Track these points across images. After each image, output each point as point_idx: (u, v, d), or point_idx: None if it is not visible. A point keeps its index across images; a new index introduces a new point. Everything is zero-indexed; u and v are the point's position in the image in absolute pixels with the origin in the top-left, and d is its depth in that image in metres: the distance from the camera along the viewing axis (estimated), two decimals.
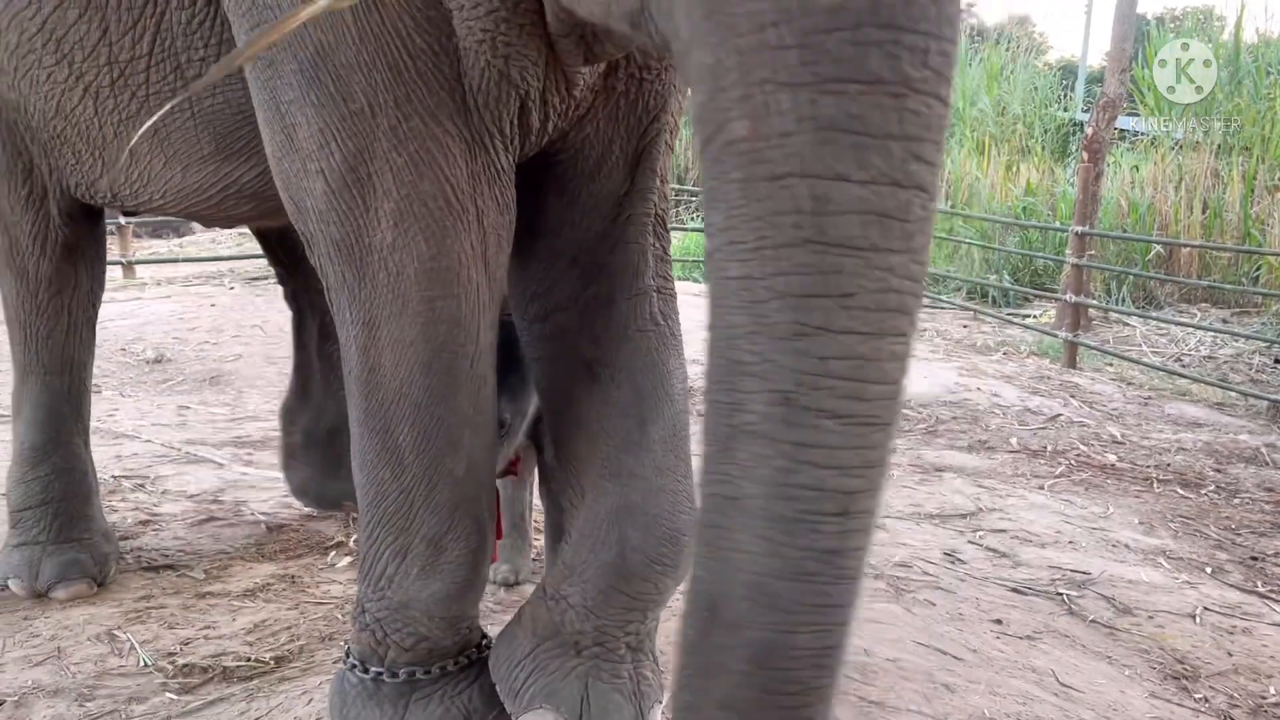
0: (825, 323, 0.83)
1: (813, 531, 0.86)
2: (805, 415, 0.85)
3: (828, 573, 0.87)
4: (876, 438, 0.87)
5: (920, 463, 4.23)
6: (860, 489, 0.87)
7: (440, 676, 1.71)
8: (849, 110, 0.80)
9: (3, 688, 2.00)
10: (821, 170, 0.81)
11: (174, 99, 1.77)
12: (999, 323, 8.81)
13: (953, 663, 2.26)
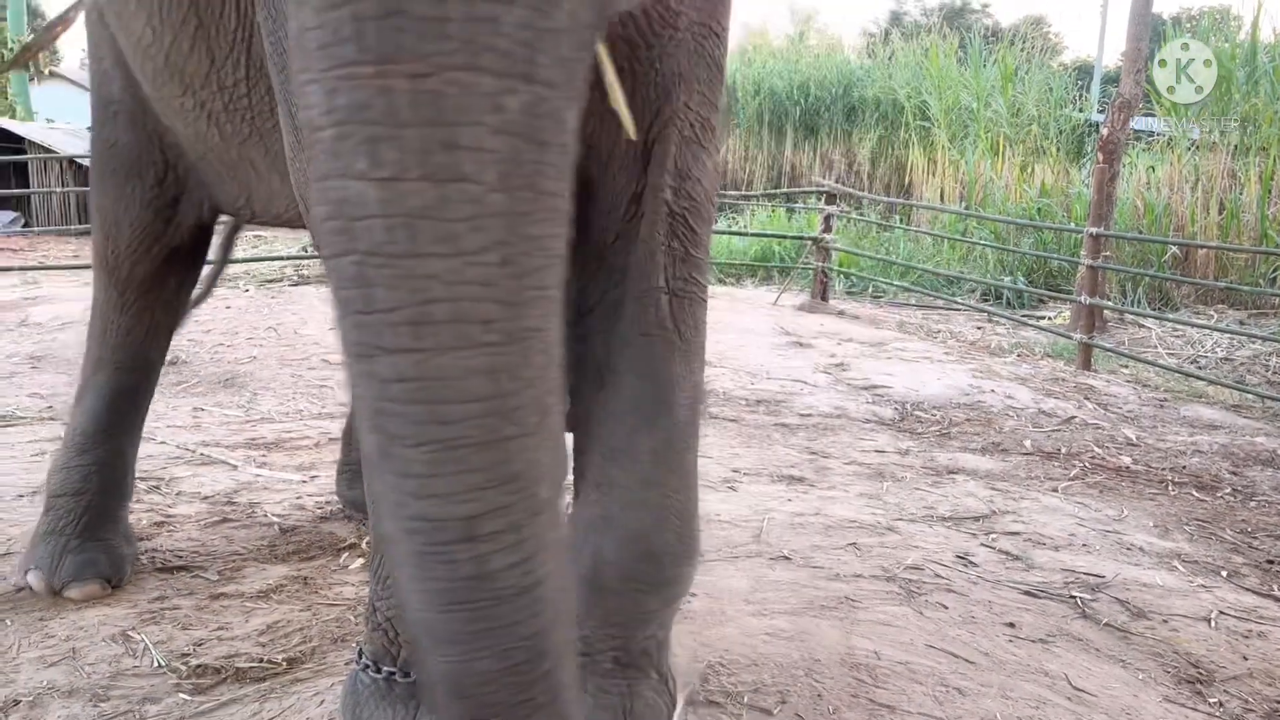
0: (378, 341, 0.75)
1: (445, 562, 0.81)
2: (392, 444, 0.78)
3: (480, 598, 0.82)
4: (478, 459, 0.78)
5: (933, 465, 4.21)
6: (477, 513, 0.79)
7: None
8: (359, 99, 0.71)
9: (19, 688, 2.01)
10: (342, 169, 0.73)
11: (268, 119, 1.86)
12: (1013, 324, 8.77)
13: (965, 666, 2.25)
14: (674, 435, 1.62)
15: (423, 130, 0.70)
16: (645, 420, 1.60)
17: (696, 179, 1.67)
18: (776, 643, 2.28)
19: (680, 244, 1.68)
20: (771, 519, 3.25)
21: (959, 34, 18.35)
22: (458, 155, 0.71)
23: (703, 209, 1.69)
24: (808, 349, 6.96)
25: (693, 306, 1.68)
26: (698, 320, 1.68)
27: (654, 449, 1.60)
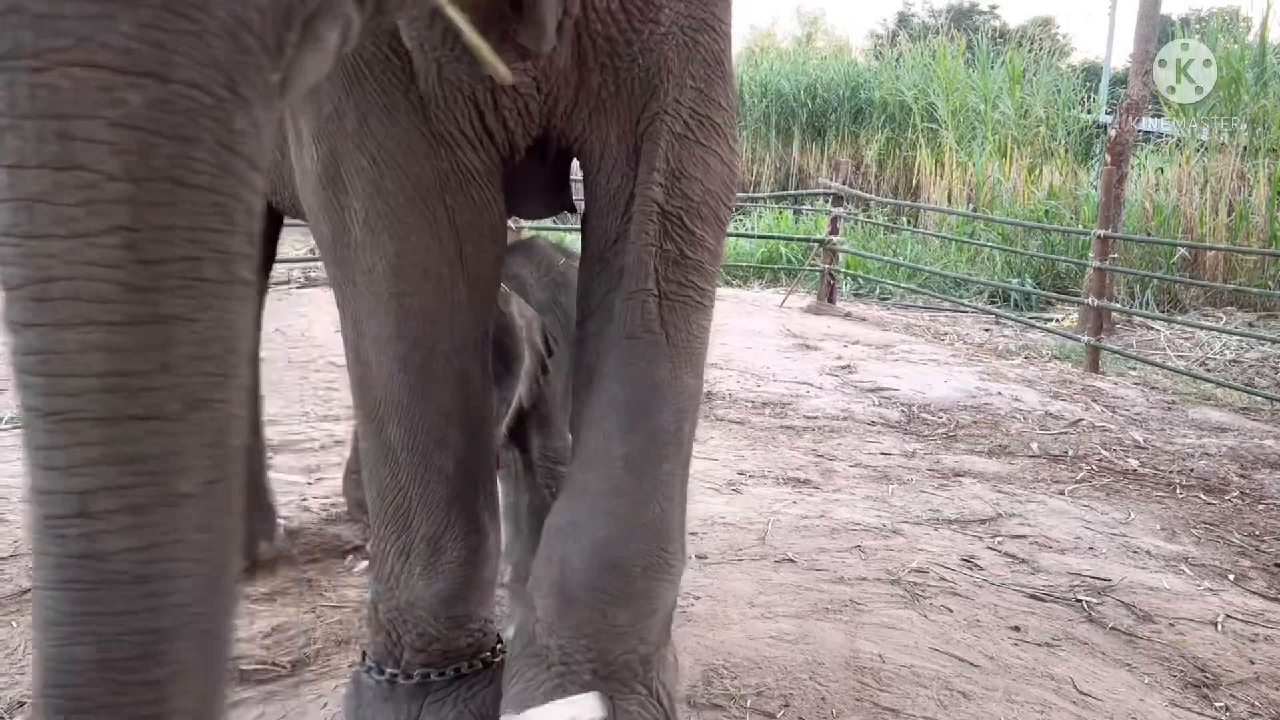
0: (14, 316, 0.79)
1: (57, 537, 0.80)
2: (27, 415, 0.81)
3: (86, 579, 0.80)
4: (94, 434, 0.80)
5: (939, 468, 4.20)
6: (95, 488, 0.80)
7: (455, 679, 1.72)
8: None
9: (23, 690, 2.02)
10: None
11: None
12: (1021, 327, 8.75)
13: (969, 669, 2.25)
14: (652, 443, 1.55)
15: (39, 121, 0.75)
16: (622, 426, 1.55)
17: (694, 178, 1.62)
18: (780, 646, 2.28)
19: (674, 245, 1.61)
20: (776, 521, 3.24)
21: (966, 35, 18.30)
22: (72, 145, 0.75)
23: (701, 209, 1.63)
24: (814, 351, 6.95)
25: (686, 311, 1.62)
26: (691, 325, 1.62)
27: (627, 456, 1.54)
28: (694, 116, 1.62)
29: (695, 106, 1.62)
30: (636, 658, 1.55)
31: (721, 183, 1.68)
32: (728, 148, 1.68)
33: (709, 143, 1.64)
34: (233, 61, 0.80)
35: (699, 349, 1.64)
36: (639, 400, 1.55)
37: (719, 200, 1.68)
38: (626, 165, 1.63)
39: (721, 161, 1.67)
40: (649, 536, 1.53)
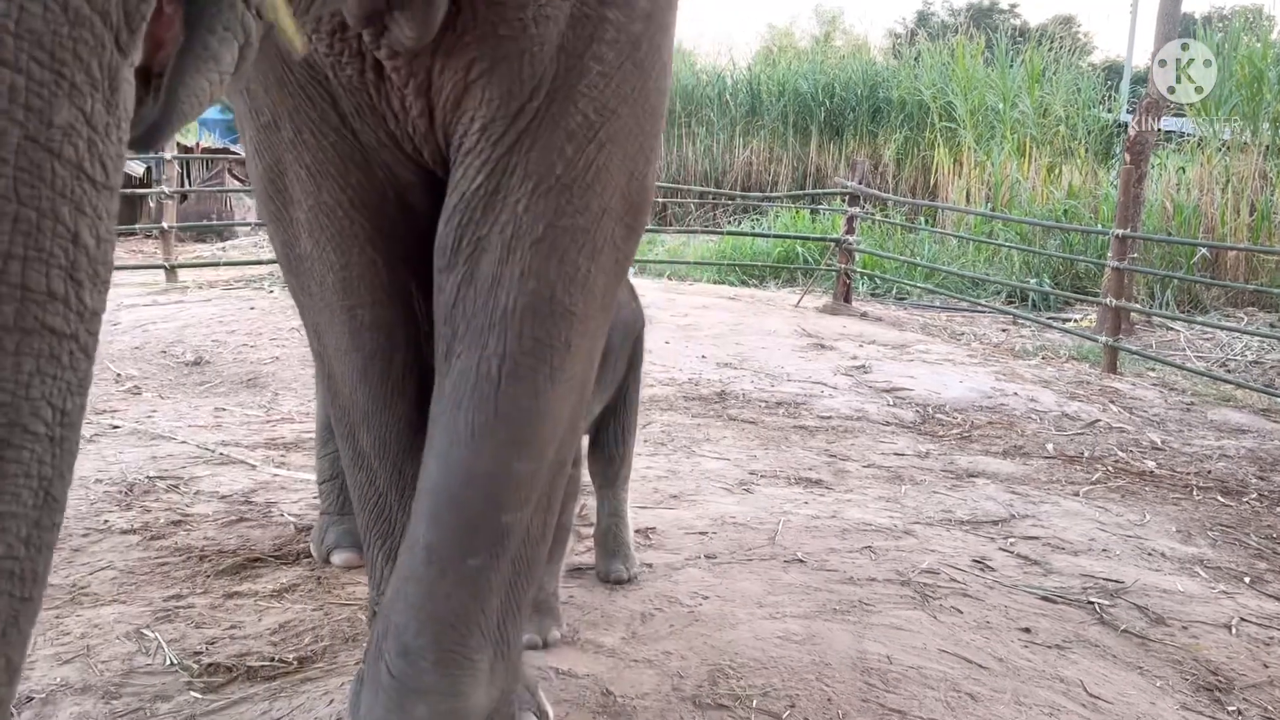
0: None
1: None
2: None
3: None
4: None
5: (953, 468, 4.17)
6: None
7: None
8: None
9: (32, 685, 2.03)
10: None
11: None
12: (1038, 327, 8.68)
13: (978, 671, 2.23)
14: (457, 537, 1.44)
15: None
16: (429, 513, 1.45)
17: (587, 190, 1.39)
18: (788, 646, 2.26)
19: (542, 285, 1.38)
20: (787, 522, 3.23)
21: (986, 34, 18.19)
22: None
23: (589, 236, 1.40)
24: (829, 351, 6.92)
25: (534, 382, 1.39)
26: (539, 401, 1.40)
27: (429, 546, 1.44)
28: (596, 111, 1.38)
29: (598, 98, 1.39)
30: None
31: (624, 200, 1.43)
32: (640, 154, 1.44)
33: (611, 145, 1.40)
34: (58, 33, 0.62)
35: (541, 427, 1.42)
36: (449, 488, 1.42)
37: (617, 223, 1.43)
38: (492, 165, 1.39)
39: (627, 172, 1.43)
40: (440, 631, 1.43)
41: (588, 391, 1.50)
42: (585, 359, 1.45)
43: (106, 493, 3.24)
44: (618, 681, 2.09)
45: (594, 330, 1.45)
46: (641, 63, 1.41)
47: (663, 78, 1.47)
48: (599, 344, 1.50)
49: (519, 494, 1.43)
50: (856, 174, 9.73)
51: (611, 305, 1.50)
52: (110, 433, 4.08)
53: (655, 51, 1.43)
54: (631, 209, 1.45)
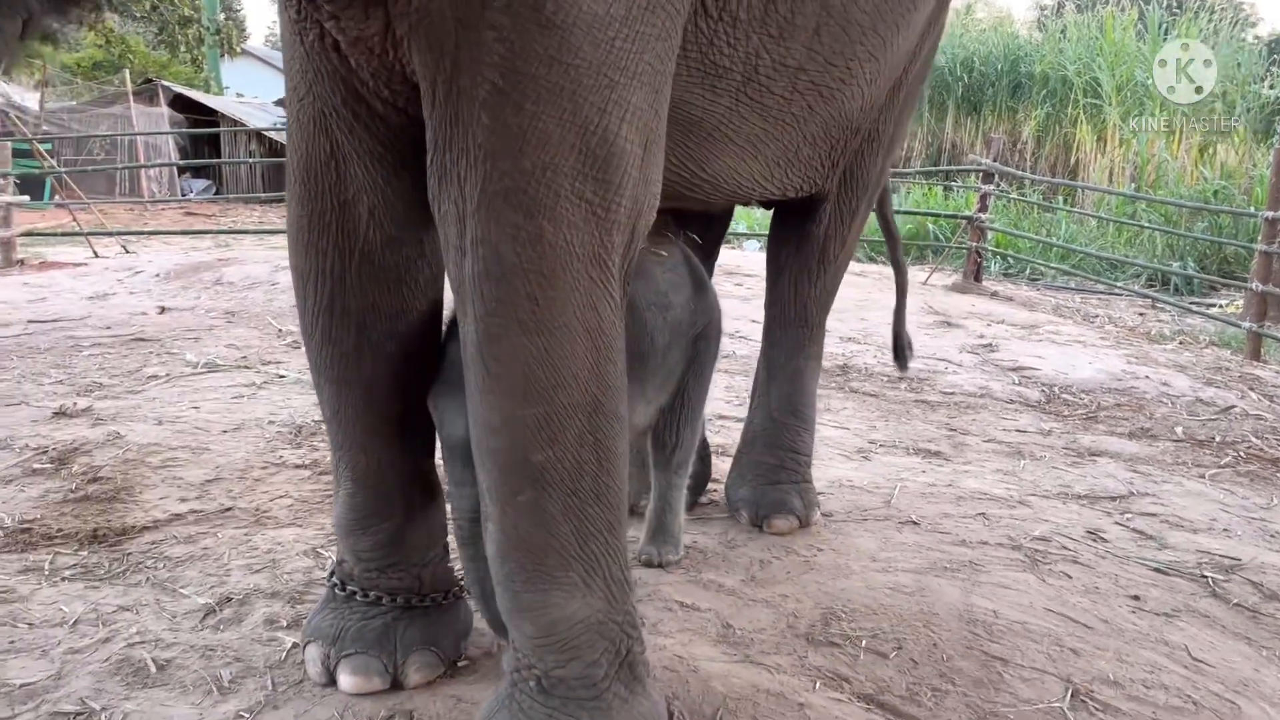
0: None
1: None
2: None
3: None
4: None
5: (1075, 446, 4.20)
6: None
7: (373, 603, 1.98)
8: None
9: (230, 588, 2.35)
10: None
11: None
12: (1179, 311, 8.43)
13: (1082, 630, 2.33)
14: (503, 476, 1.60)
15: None
16: (477, 459, 1.66)
17: (509, 154, 1.44)
18: (897, 596, 2.41)
19: (487, 251, 1.48)
20: (904, 488, 3.35)
21: (1139, 6, 17.43)
22: None
23: (521, 194, 1.45)
24: (956, 329, 6.91)
25: (508, 335, 1.50)
26: (518, 352, 1.51)
27: (486, 487, 1.64)
28: (504, 77, 1.42)
29: (501, 64, 1.42)
30: (575, 677, 1.64)
31: (581, 154, 1.46)
32: (589, 108, 1.46)
33: (536, 105, 1.43)
34: None
35: (533, 375, 1.51)
36: (480, 439, 1.59)
37: (574, 178, 1.47)
38: (434, 139, 1.52)
39: (575, 128, 1.46)
40: (519, 557, 1.60)
41: (602, 335, 1.55)
42: (568, 309, 1.50)
43: (279, 433, 3.61)
44: (736, 617, 2.28)
45: (574, 282, 1.50)
46: (551, 21, 1.41)
47: (600, 29, 1.45)
48: (597, 292, 1.54)
49: (538, 436, 1.53)
50: (992, 151, 9.57)
51: (609, 254, 1.54)
52: (277, 381, 4.48)
53: (572, 9, 1.42)
54: (596, 162, 1.48)
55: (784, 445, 2.85)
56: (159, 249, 9.74)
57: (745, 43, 1.90)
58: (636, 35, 1.51)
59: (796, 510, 2.80)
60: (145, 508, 2.86)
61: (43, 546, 2.57)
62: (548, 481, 1.56)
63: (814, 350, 2.91)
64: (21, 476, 3.05)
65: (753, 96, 2.02)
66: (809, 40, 2.03)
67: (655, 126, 1.61)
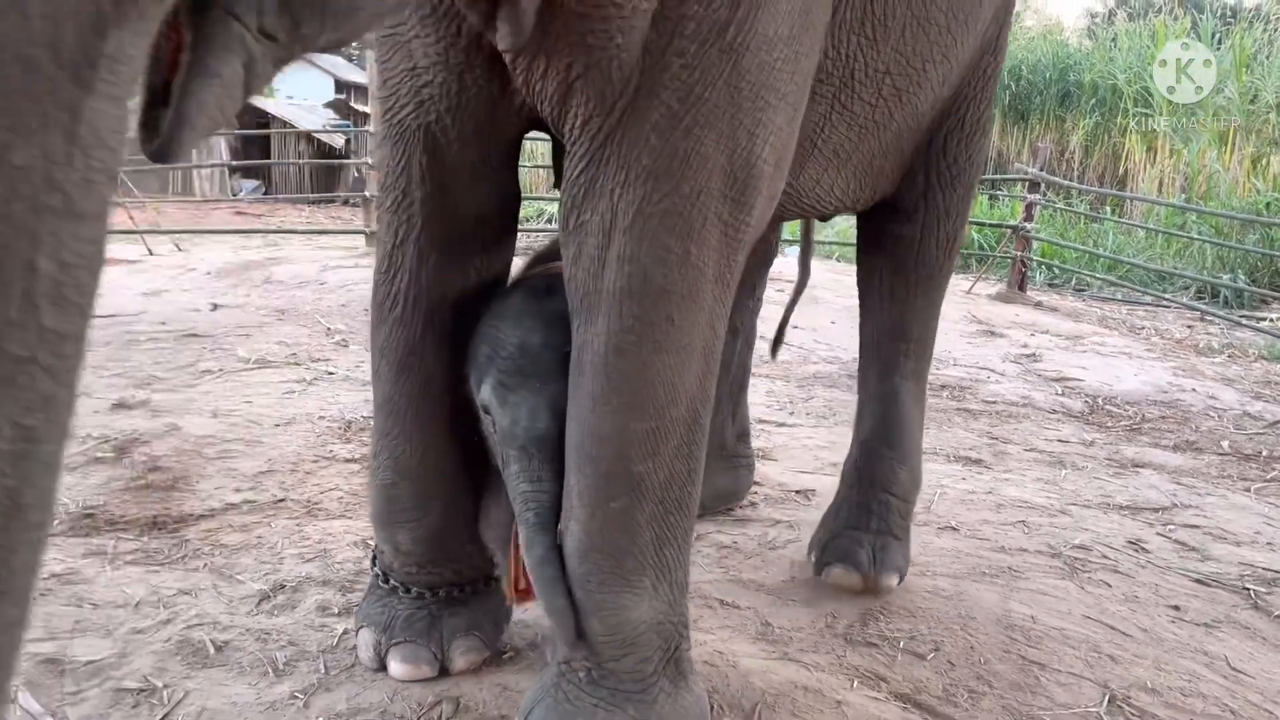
0: None
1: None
2: None
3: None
4: None
5: (1118, 457, 4.18)
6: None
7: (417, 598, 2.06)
8: None
9: (283, 576, 2.43)
10: None
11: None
12: (1228, 325, 8.31)
13: (1121, 638, 2.34)
14: (602, 483, 1.63)
15: None
16: (574, 463, 1.68)
17: (676, 176, 1.51)
18: (936, 600, 2.44)
19: (636, 269, 1.53)
20: (943, 494, 3.37)
21: (1191, 15, 17.19)
22: None
23: (681, 218, 1.52)
24: (999, 338, 6.88)
25: (639, 353, 1.55)
26: (646, 369, 1.56)
27: (579, 491, 1.66)
28: (680, 101, 1.47)
29: (680, 88, 1.47)
30: (627, 671, 1.69)
31: (726, 177, 1.51)
32: (741, 131, 1.51)
33: (701, 129, 1.48)
34: (7, 80, 0.66)
35: (654, 392, 1.57)
36: (585, 445, 1.61)
37: (719, 201, 1.51)
38: (589, 156, 1.55)
39: (726, 151, 1.50)
40: (599, 559, 1.65)
41: (713, 353, 1.62)
42: (695, 329, 1.56)
43: (329, 428, 3.70)
44: (775, 615, 2.32)
45: (704, 302, 1.55)
46: (730, 46, 1.47)
47: (766, 51, 1.49)
48: (717, 311, 1.59)
49: (644, 448, 1.59)
50: (1038, 160, 9.51)
51: (731, 273, 1.58)
52: (327, 378, 4.58)
53: (750, 32, 1.47)
54: (737, 184, 1.52)
55: (875, 481, 2.49)
56: (210, 247, 9.93)
57: (845, 45, 1.85)
58: (793, 55, 1.54)
59: (861, 565, 2.41)
60: (202, 497, 2.95)
61: (105, 531, 2.67)
62: (643, 491, 1.61)
63: (913, 369, 2.57)
64: (85, 464, 3.16)
65: (845, 104, 1.96)
66: (897, 42, 1.96)
67: (789, 145, 1.63)
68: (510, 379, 1.74)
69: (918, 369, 2.59)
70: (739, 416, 3.05)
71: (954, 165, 2.47)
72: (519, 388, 1.73)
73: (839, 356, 5.88)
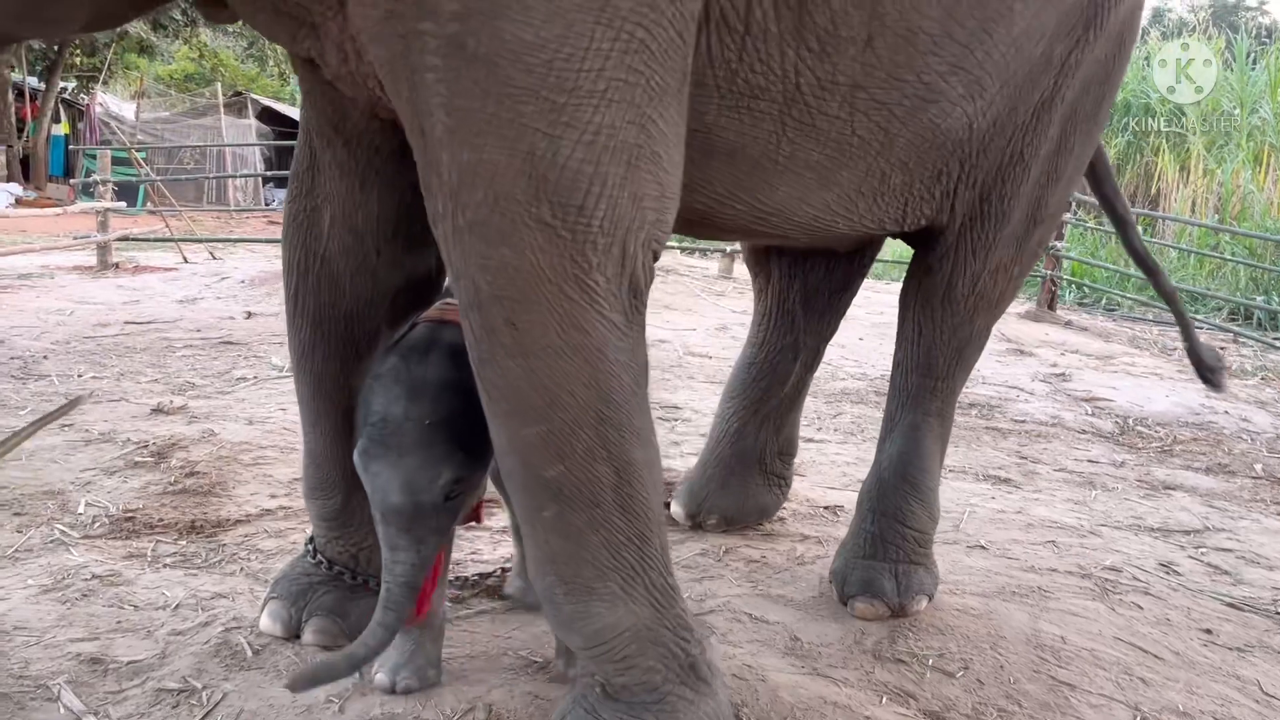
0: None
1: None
2: None
3: None
4: None
5: (1149, 479, 4.15)
6: None
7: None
8: None
9: None
10: None
11: None
12: (1262, 347, 8.23)
13: (1152, 660, 2.33)
14: (523, 497, 1.67)
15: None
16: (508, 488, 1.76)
17: (466, 182, 1.53)
18: (965, 618, 2.44)
19: (457, 265, 1.57)
20: (972, 513, 3.36)
21: (1226, 34, 17.06)
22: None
23: (473, 220, 1.51)
24: (1028, 357, 6.85)
25: (493, 359, 1.57)
26: (505, 375, 1.57)
27: (518, 508, 1.71)
28: (449, 114, 1.46)
29: (444, 101, 1.46)
30: (636, 684, 1.70)
31: (531, 181, 1.47)
32: (534, 135, 1.45)
33: (482, 139, 1.46)
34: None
35: (524, 396, 1.56)
36: (499, 459, 1.67)
37: (530, 204, 1.48)
38: (410, 170, 1.64)
39: (521, 155, 1.46)
40: (555, 569, 1.67)
41: (597, 354, 1.56)
42: (547, 330, 1.53)
43: None
44: (804, 630, 2.33)
45: (546, 304, 1.52)
46: (475, 56, 1.43)
47: (529, 55, 1.44)
48: (578, 311, 1.54)
49: (544, 454, 1.58)
50: None
51: (584, 272, 1.53)
52: None
53: (492, 39, 1.43)
54: (550, 186, 1.48)
55: (888, 512, 2.45)
56: (244, 256, 10.07)
57: (780, 58, 1.75)
58: (586, 54, 1.46)
59: (886, 594, 2.38)
60: (238, 502, 3.00)
61: (145, 535, 2.72)
62: (566, 496, 1.60)
63: (938, 407, 2.49)
64: (124, 469, 3.22)
65: (802, 119, 1.85)
66: (862, 54, 1.82)
67: (642, 143, 1.55)
68: (373, 447, 1.71)
69: (943, 409, 2.52)
70: (784, 434, 3.02)
71: (1006, 203, 2.30)
72: (379, 458, 1.70)
73: (866, 373, 5.88)
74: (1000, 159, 2.26)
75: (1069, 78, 2.23)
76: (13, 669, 2.00)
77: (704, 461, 3.06)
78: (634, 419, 1.62)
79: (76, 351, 5.13)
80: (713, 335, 6.96)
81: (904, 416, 2.51)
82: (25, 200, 15.31)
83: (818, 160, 1.95)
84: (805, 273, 2.88)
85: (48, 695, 1.92)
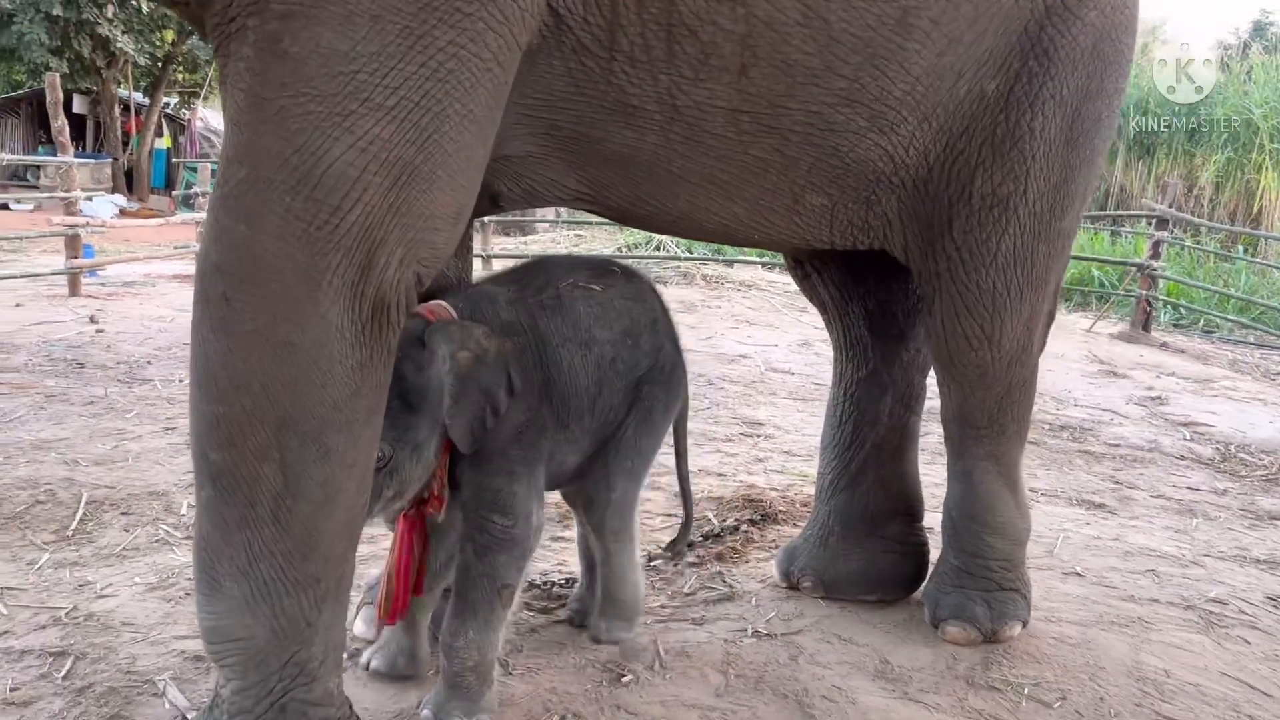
0: None
1: None
2: None
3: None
4: None
5: (1253, 509, 3.99)
6: None
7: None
8: None
9: None
10: None
11: None
12: None
13: (1262, 698, 2.24)
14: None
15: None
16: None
17: (238, 158, 1.57)
18: (1062, 647, 2.37)
19: (206, 230, 1.66)
20: (1066, 538, 3.27)
21: None
22: None
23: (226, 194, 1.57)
24: (1122, 379, 6.66)
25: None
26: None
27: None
28: (247, 98, 1.55)
29: (248, 88, 1.54)
30: (228, 700, 1.66)
31: (292, 172, 1.51)
32: (311, 128, 1.51)
33: (261, 125, 1.53)
34: None
35: (213, 372, 1.56)
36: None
37: (283, 192, 1.52)
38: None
39: (291, 145, 1.51)
40: (200, 551, 1.64)
41: (302, 351, 1.55)
42: (256, 315, 1.52)
43: None
44: (894, 653, 2.29)
45: (270, 290, 1.52)
46: (287, 54, 1.51)
47: (336, 63, 1.51)
48: (305, 309, 1.54)
49: (215, 435, 1.55)
50: (1167, 196, 9.20)
51: (319, 272, 1.53)
52: None
53: (305, 42, 1.50)
54: (310, 182, 1.51)
55: (965, 550, 2.41)
56: None
57: (654, 82, 1.79)
58: (390, 71, 1.53)
59: (978, 619, 2.34)
60: None
61: None
62: (223, 485, 1.57)
63: (988, 451, 2.39)
64: None
65: (686, 136, 1.87)
66: (737, 81, 1.83)
67: (418, 161, 1.57)
68: None
69: (995, 451, 2.39)
70: (894, 489, 2.63)
71: (965, 248, 2.16)
72: None
73: None
74: (955, 195, 2.14)
75: (1025, 112, 2.09)
76: (120, 664, 2.08)
77: (810, 519, 2.78)
78: (327, 434, 1.57)
79: (177, 357, 5.31)
80: (795, 351, 6.91)
81: (956, 463, 2.45)
82: (129, 211, 15.92)
83: (715, 174, 1.97)
84: (864, 293, 2.61)
85: (154, 690, 1.99)
